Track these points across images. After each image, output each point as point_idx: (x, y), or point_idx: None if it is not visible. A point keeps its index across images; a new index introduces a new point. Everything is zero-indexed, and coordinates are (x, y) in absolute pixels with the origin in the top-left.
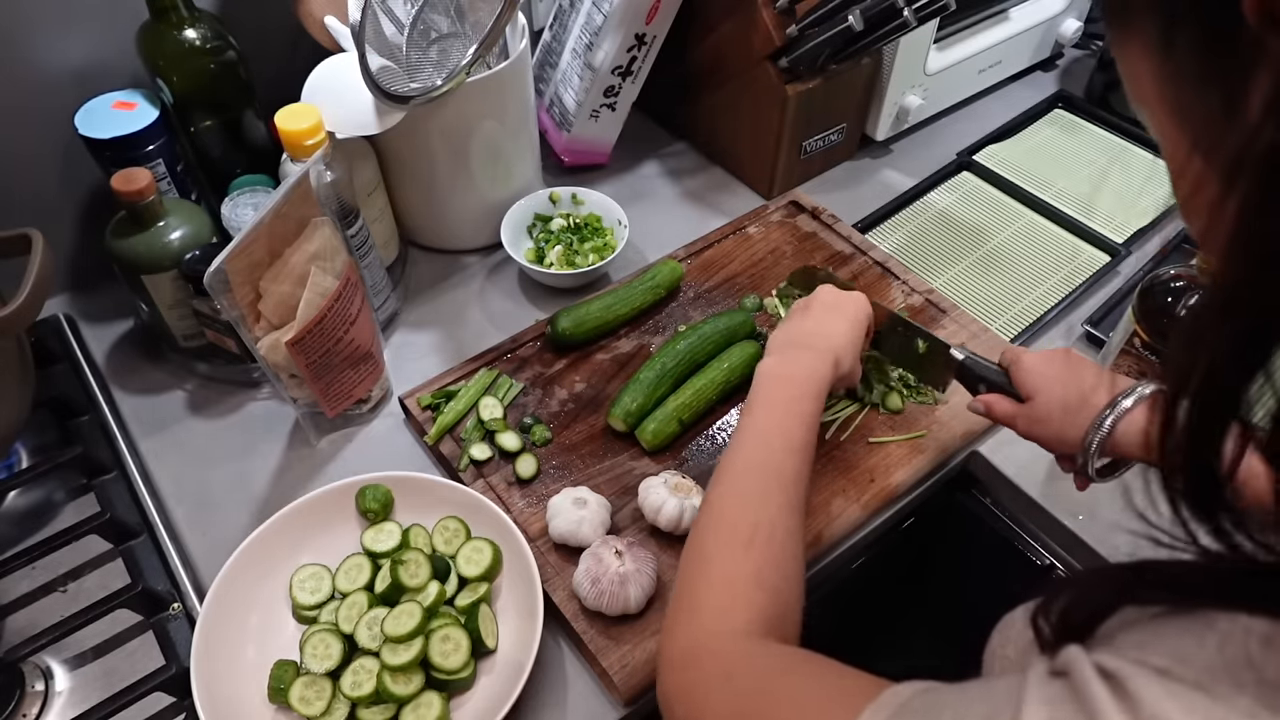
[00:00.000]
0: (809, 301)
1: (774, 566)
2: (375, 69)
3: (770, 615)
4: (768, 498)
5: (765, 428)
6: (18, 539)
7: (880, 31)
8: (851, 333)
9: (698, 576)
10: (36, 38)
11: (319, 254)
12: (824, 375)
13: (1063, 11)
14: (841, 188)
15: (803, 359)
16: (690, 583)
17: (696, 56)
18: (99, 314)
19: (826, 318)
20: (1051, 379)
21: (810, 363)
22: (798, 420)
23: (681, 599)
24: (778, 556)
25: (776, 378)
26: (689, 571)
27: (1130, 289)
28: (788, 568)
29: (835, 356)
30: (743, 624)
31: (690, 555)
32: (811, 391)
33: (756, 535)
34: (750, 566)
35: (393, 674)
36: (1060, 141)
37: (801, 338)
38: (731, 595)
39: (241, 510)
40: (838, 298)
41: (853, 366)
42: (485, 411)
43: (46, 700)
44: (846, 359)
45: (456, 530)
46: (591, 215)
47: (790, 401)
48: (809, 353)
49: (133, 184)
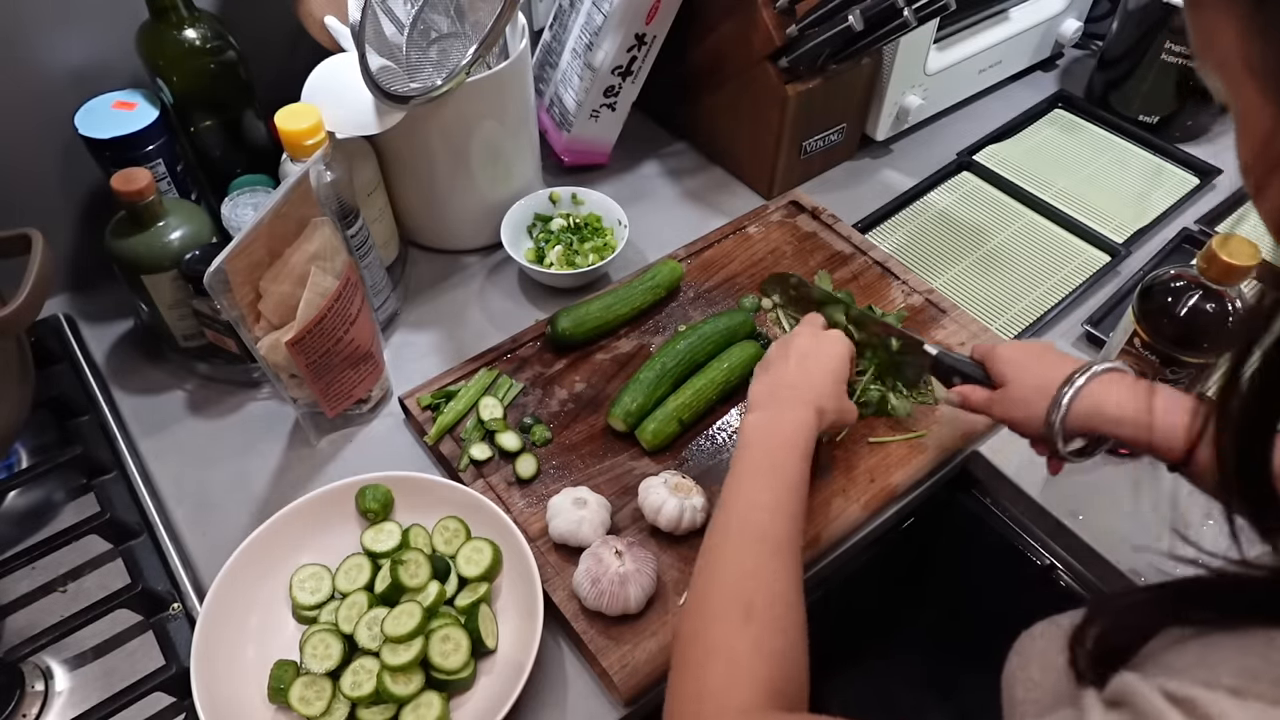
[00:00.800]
0: (786, 347)
1: (774, 634)
2: (375, 69)
3: (775, 685)
4: (762, 566)
5: (753, 491)
6: (18, 539)
7: (880, 31)
8: (832, 377)
9: (697, 654)
10: (36, 38)
11: (319, 254)
12: (809, 428)
13: (1063, 11)
14: (841, 188)
15: (786, 414)
16: (690, 659)
17: (696, 56)
18: (99, 314)
19: (806, 365)
20: (1024, 364)
21: (794, 417)
22: (785, 479)
23: (683, 680)
24: (779, 624)
25: (761, 437)
26: (687, 650)
27: (1130, 289)
28: (790, 634)
29: (818, 406)
30: (748, 698)
31: (687, 631)
32: (798, 447)
33: (755, 605)
34: (750, 638)
35: (393, 674)
36: (1060, 141)
37: (781, 391)
38: (733, 671)
39: (241, 510)
40: (814, 343)
41: (839, 410)
42: (485, 411)
43: (46, 700)
44: (830, 404)
45: (456, 530)
46: (591, 215)
47: (776, 460)
48: (792, 408)
49: (133, 184)
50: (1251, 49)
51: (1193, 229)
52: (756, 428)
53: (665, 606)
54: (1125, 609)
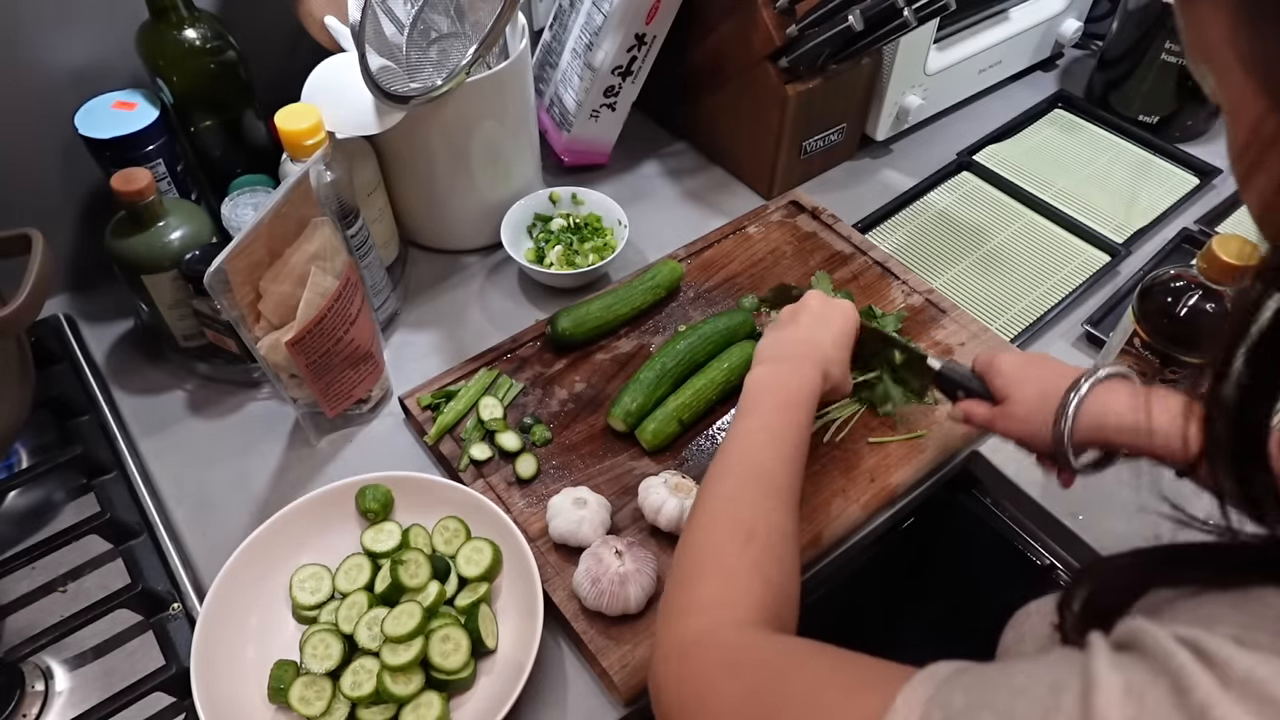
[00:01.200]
0: (797, 310)
1: (772, 561)
2: (375, 69)
3: (770, 607)
4: (761, 500)
5: (756, 435)
6: (18, 539)
7: (880, 31)
8: (839, 343)
9: (694, 571)
10: (36, 38)
11: (319, 254)
12: (814, 385)
13: (1063, 11)
14: (841, 188)
15: (792, 369)
16: (686, 577)
17: (696, 56)
18: (99, 314)
19: (815, 328)
20: (1025, 378)
21: (800, 373)
22: (789, 428)
23: (678, 593)
24: (775, 552)
25: (766, 387)
26: (684, 566)
27: (1130, 289)
28: (785, 563)
29: (824, 368)
30: (744, 614)
31: (685, 552)
32: (802, 400)
33: (754, 532)
34: (748, 560)
35: (393, 674)
36: (1060, 141)
37: (790, 347)
38: (730, 587)
39: (241, 510)
40: (825, 307)
41: (842, 377)
42: (485, 411)
43: (46, 700)
44: (836, 369)
45: (456, 530)
46: (591, 215)
47: (781, 410)
48: (798, 363)
49: (133, 184)
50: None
51: (1192, 229)
52: (761, 380)
53: None
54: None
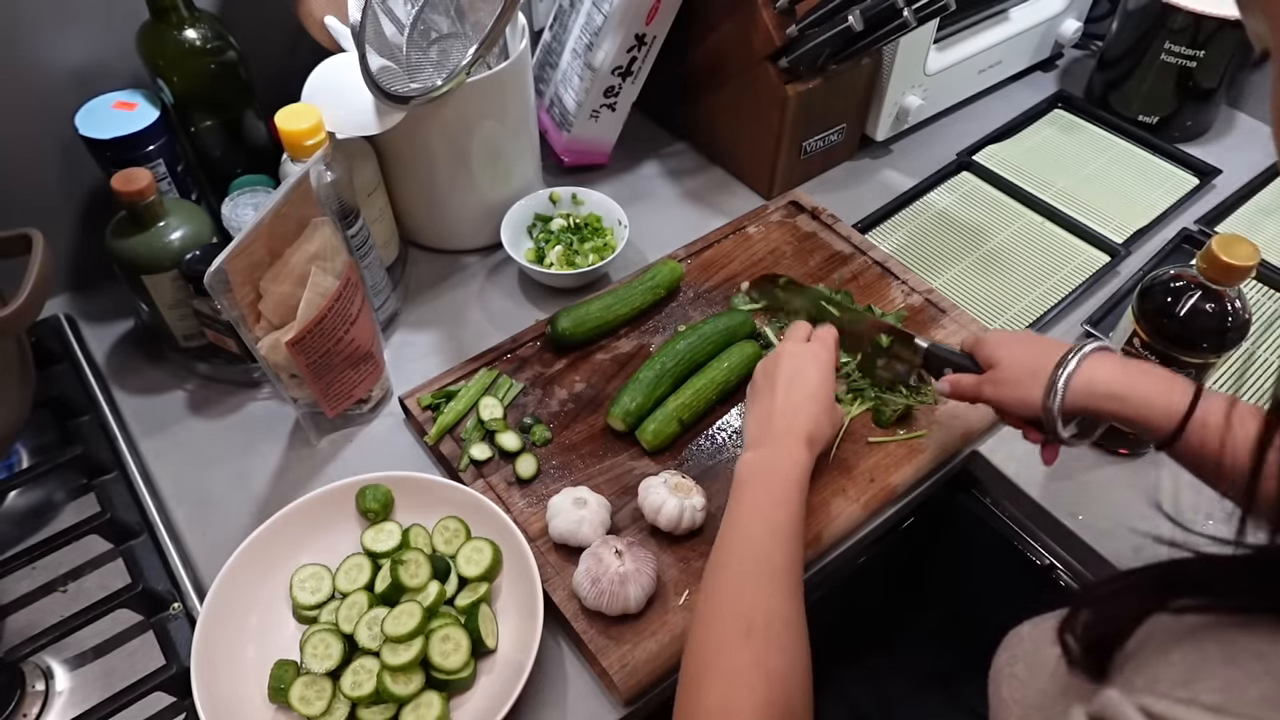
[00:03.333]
0: (772, 375)
1: (775, 652)
2: (375, 69)
3: (778, 701)
4: (760, 588)
5: (751, 522)
6: (18, 539)
7: (880, 31)
8: (819, 400)
9: (699, 672)
10: (36, 38)
11: (319, 254)
12: (803, 460)
13: (1063, 11)
14: (841, 188)
15: (778, 452)
16: (691, 680)
17: (696, 56)
18: (99, 314)
19: (793, 394)
20: (1013, 346)
21: (788, 452)
22: (783, 510)
23: (684, 698)
24: (779, 642)
25: (756, 473)
26: (690, 668)
27: (1130, 289)
28: (790, 651)
29: (809, 436)
30: (749, 713)
31: (689, 651)
32: (793, 480)
33: (754, 624)
34: (749, 655)
35: (393, 674)
36: (1060, 141)
37: (774, 423)
38: (733, 685)
39: (241, 510)
40: (798, 365)
41: (832, 426)
42: (485, 411)
43: (47, 700)
44: (822, 429)
45: (456, 530)
46: (591, 215)
47: (773, 494)
48: (783, 442)
49: (133, 184)
50: None
51: (1192, 229)
52: (751, 466)
53: (665, 606)
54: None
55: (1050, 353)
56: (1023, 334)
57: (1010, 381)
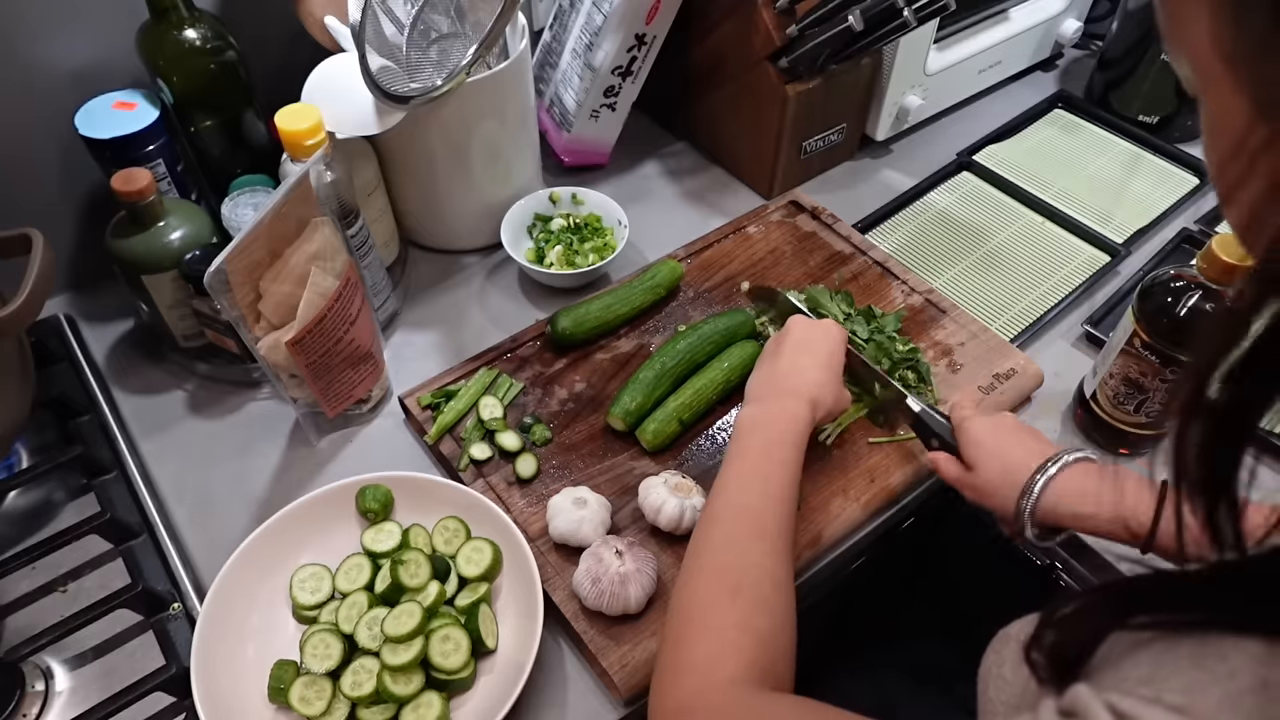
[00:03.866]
0: (780, 340)
1: (762, 613)
2: (375, 69)
3: (761, 662)
4: (750, 546)
5: (746, 477)
6: (18, 539)
7: (880, 31)
8: (826, 369)
9: (685, 628)
10: (36, 38)
11: (319, 254)
12: (803, 419)
13: (1063, 11)
14: (841, 188)
15: (780, 406)
16: (678, 635)
17: (696, 56)
18: (99, 314)
19: (799, 358)
20: (990, 452)
21: (788, 409)
22: (779, 467)
23: (670, 652)
24: (766, 603)
25: (755, 426)
26: (676, 624)
27: (1130, 289)
28: (777, 613)
29: (812, 397)
30: (734, 671)
31: (676, 606)
32: (791, 438)
33: (743, 582)
34: (736, 614)
35: (393, 674)
36: (1060, 141)
37: (777, 382)
38: (720, 643)
39: (241, 510)
40: (808, 334)
41: (835, 399)
42: (485, 411)
43: (46, 700)
44: (825, 396)
45: (456, 530)
46: (591, 215)
47: (769, 450)
48: (786, 399)
49: (133, 184)
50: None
51: (1192, 229)
52: (750, 420)
53: (665, 606)
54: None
55: (1027, 456)
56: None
57: (985, 489)
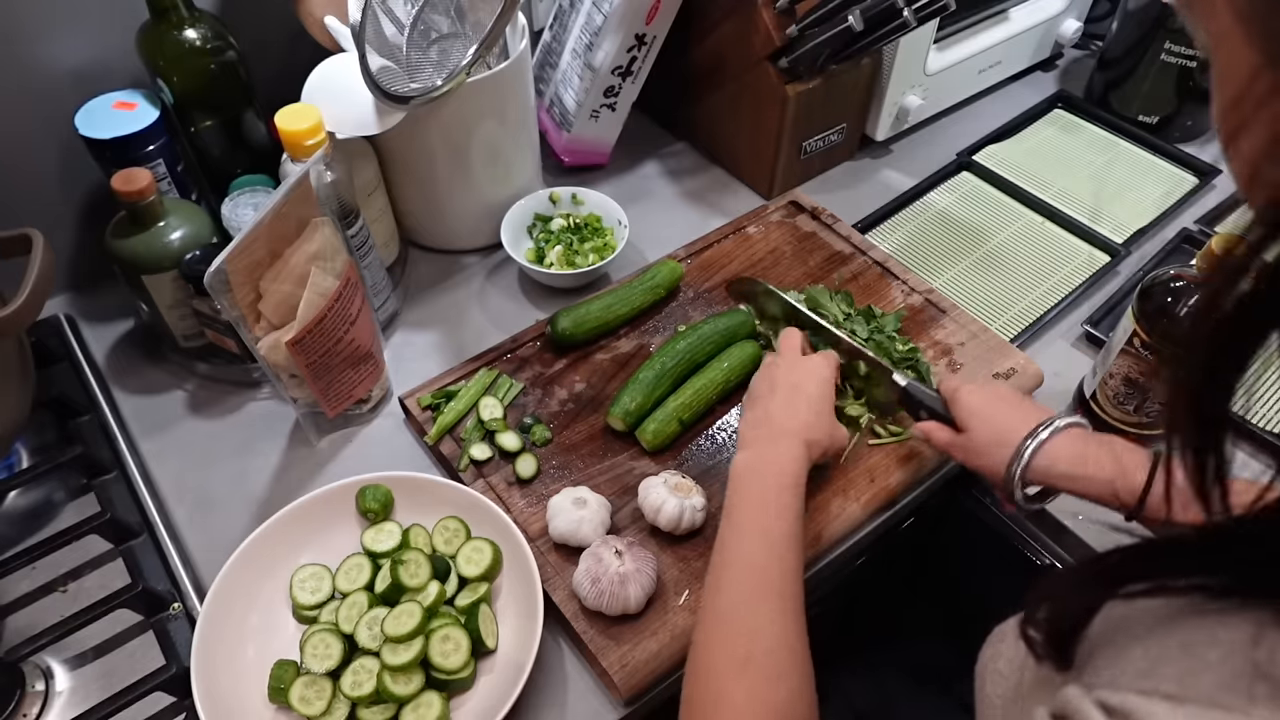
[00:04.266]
0: (770, 380)
1: (771, 682)
2: (375, 69)
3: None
4: (758, 608)
5: (747, 533)
6: (18, 539)
7: (880, 32)
8: (817, 407)
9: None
10: (36, 38)
11: (319, 254)
12: (798, 461)
13: (1063, 11)
14: (841, 188)
15: (774, 450)
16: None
17: (696, 56)
18: (99, 314)
19: (790, 397)
20: (984, 414)
21: (783, 452)
22: (778, 518)
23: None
24: (777, 670)
25: (751, 473)
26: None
27: (1130, 289)
28: (791, 680)
29: (806, 439)
30: None
31: (688, 677)
32: (788, 481)
33: (753, 652)
34: (744, 689)
35: (393, 674)
36: (1060, 141)
37: (770, 425)
38: None
39: (241, 510)
40: (794, 372)
41: (831, 437)
42: (485, 411)
43: (47, 700)
44: (820, 435)
45: (456, 530)
46: (591, 215)
47: (767, 497)
48: (780, 442)
49: (133, 184)
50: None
51: (1192, 229)
52: (746, 466)
53: (665, 606)
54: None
55: (1021, 420)
56: (996, 395)
57: (977, 449)
